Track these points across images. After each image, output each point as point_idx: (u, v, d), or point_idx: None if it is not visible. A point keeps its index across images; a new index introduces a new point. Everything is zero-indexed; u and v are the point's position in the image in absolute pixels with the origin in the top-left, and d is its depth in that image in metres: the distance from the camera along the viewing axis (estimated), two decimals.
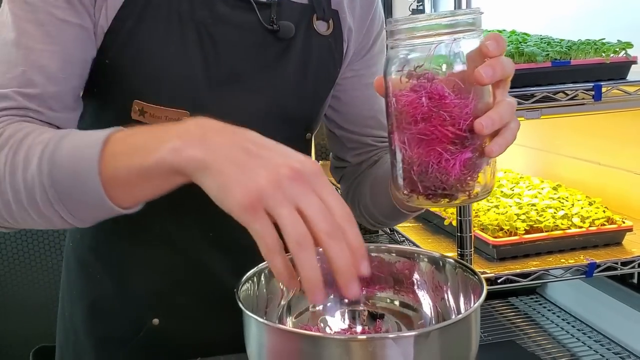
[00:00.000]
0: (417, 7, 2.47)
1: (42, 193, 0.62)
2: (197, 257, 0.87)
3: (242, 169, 0.54)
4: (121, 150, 0.61)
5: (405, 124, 0.61)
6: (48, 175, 0.62)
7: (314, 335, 0.55)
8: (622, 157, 1.41)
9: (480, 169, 0.62)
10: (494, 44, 0.60)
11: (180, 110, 0.80)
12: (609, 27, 1.36)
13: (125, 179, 0.60)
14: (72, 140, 0.63)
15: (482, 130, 0.59)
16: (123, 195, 0.62)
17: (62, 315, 0.96)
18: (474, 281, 0.64)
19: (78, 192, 0.62)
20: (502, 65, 0.60)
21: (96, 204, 0.62)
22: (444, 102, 0.59)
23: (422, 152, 0.60)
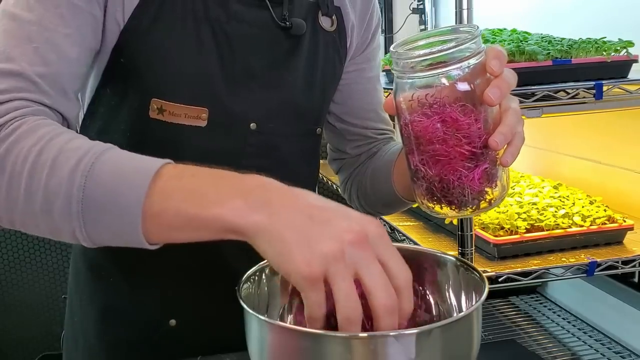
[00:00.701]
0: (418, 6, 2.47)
1: (65, 204, 0.59)
2: (215, 255, 0.87)
3: (305, 237, 0.53)
4: (174, 189, 0.58)
5: (423, 147, 0.64)
6: (80, 188, 0.58)
7: (316, 332, 0.54)
8: (623, 156, 1.41)
9: (497, 178, 0.66)
10: (497, 63, 0.62)
11: (199, 107, 0.81)
12: (610, 26, 1.36)
13: (170, 221, 0.57)
14: (116, 158, 0.61)
15: (497, 146, 0.62)
16: (159, 233, 0.59)
17: (71, 320, 0.95)
18: (476, 279, 0.64)
19: (110, 216, 0.58)
20: (507, 82, 0.62)
21: (125, 233, 0.59)
22: (457, 124, 0.62)
23: (442, 170, 0.64)
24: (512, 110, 0.64)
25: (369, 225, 0.54)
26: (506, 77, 0.62)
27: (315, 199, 0.57)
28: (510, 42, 1.21)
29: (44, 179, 0.60)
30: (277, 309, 0.69)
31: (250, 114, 0.84)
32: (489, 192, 0.66)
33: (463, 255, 1.16)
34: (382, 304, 0.52)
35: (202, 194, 0.57)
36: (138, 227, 0.58)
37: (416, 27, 2.52)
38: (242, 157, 0.86)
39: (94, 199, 0.58)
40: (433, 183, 0.65)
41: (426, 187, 0.66)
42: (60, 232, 0.61)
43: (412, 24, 2.52)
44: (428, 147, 0.64)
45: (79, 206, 0.59)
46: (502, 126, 0.63)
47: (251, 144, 0.86)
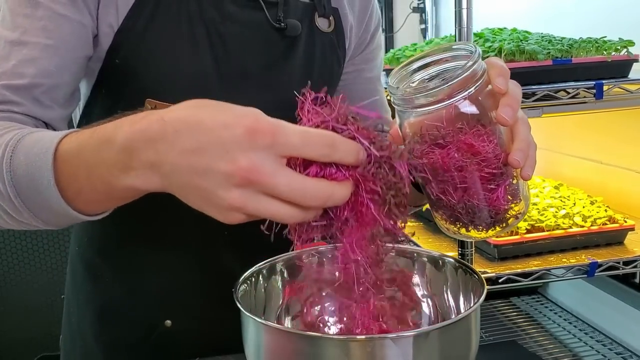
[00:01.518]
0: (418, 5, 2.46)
1: (7, 201, 0.61)
2: (211, 256, 0.87)
3: (203, 198, 0.52)
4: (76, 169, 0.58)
5: (441, 177, 0.62)
6: (10, 184, 0.61)
7: (313, 335, 0.54)
8: (624, 156, 1.41)
9: (520, 191, 0.65)
10: (502, 80, 0.60)
11: None
12: (611, 25, 1.36)
13: (91, 197, 0.59)
14: (25, 146, 0.62)
15: (519, 164, 0.61)
16: (91, 208, 0.61)
17: (68, 321, 0.95)
18: (474, 281, 0.64)
19: (42, 202, 0.60)
20: (516, 98, 0.61)
21: (62, 214, 0.60)
22: (474, 149, 0.60)
23: (465, 196, 0.62)
24: (522, 121, 0.63)
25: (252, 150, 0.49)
26: (514, 92, 0.61)
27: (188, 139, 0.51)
28: (511, 42, 1.21)
29: None
30: (274, 310, 0.69)
31: None
32: (513, 207, 0.64)
33: (463, 256, 1.16)
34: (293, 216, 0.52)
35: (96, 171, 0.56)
36: (67, 208, 0.59)
37: (417, 26, 2.51)
38: None
39: (23, 191, 0.60)
40: (457, 210, 0.63)
41: (450, 215, 0.65)
42: (29, 225, 0.64)
43: (413, 23, 2.51)
44: (446, 175, 0.62)
45: (18, 201, 0.61)
46: (517, 142, 0.61)
47: None
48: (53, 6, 0.73)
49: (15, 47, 0.72)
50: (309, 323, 0.69)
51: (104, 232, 0.88)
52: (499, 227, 0.65)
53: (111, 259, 0.88)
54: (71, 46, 0.75)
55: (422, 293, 0.70)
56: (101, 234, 0.88)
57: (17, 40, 0.72)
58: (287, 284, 0.70)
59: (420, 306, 0.70)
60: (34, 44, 0.72)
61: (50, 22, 0.73)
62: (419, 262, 0.71)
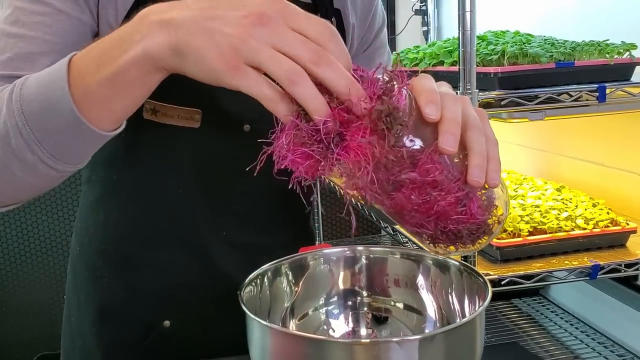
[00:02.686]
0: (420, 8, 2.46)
1: (16, 136, 0.59)
2: (209, 257, 0.87)
3: (207, 35, 0.52)
4: (86, 65, 0.58)
5: (408, 218, 0.59)
6: (19, 113, 0.59)
7: (318, 338, 0.54)
8: (626, 159, 1.41)
9: (495, 197, 0.61)
10: (433, 107, 0.56)
11: (192, 108, 0.81)
12: (613, 28, 1.36)
13: (98, 94, 0.57)
14: (37, 75, 0.61)
15: (480, 184, 0.57)
16: (100, 113, 0.59)
17: (68, 320, 0.95)
18: (479, 284, 0.64)
19: (53, 121, 0.59)
20: (456, 120, 0.56)
21: (74, 129, 0.59)
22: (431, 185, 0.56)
23: (439, 225, 0.59)
24: (472, 126, 0.58)
25: (265, 4, 0.52)
26: (450, 114, 0.56)
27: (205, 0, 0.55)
28: (514, 44, 1.21)
29: None
30: (280, 312, 0.69)
31: (243, 115, 0.84)
32: (493, 213, 0.61)
33: (466, 259, 1.16)
34: (307, 58, 0.50)
35: (107, 54, 0.57)
36: (80, 118, 0.58)
37: (419, 29, 2.52)
38: (236, 159, 0.86)
39: (33, 115, 0.59)
40: (437, 238, 0.60)
41: (432, 241, 0.62)
42: (34, 168, 0.61)
43: (415, 25, 2.51)
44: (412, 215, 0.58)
45: (27, 130, 0.59)
46: (472, 157, 0.57)
47: (245, 145, 0.85)
48: (53, 2, 0.73)
49: (12, 39, 0.71)
50: None
51: (105, 233, 0.88)
52: (485, 238, 0.62)
53: (111, 259, 0.88)
54: (70, 42, 0.74)
55: (426, 295, 0.70)
56: (102, 234, 0.89)
57: (15, 33, 0.71)
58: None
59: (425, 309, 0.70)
60: (31, 38, 0.71)
61: (50, 18, 0.72)
62: (424, 265, 0.71)
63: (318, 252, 0.72)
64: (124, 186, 0.86)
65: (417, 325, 0.70)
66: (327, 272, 0.72)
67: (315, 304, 0.72)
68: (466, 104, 0.60)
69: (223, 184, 0.86)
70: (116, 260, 0.88)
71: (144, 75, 0.56)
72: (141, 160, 0.84)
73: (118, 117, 0.60)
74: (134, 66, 0.55)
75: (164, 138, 0.82)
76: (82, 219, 0.92)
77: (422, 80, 0.58)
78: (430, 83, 0.58)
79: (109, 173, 0.87)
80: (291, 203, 0.94)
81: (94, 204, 0.89)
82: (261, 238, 0.90)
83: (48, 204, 2.44)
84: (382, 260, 0.72)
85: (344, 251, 0.73)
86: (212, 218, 0.86)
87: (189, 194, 0.85)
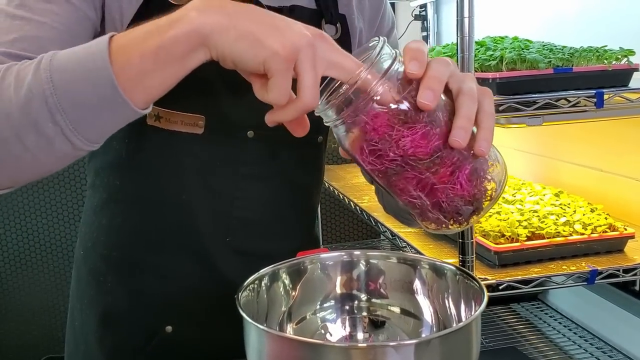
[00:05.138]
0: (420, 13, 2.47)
1: (40, 104, 0.58)
2: (213, 263, 0.87)
3: (272, 27, 0.56)
4: (130, 39, 0.58)
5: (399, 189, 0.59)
6: (48, 81, 0.58)
7: (315, 342, 0.54)
8: (624, 164, 1.41)
9: (487, 169, 0.60)
10: (415, 64, 0.57)
11: (196, 114, 0.81)
12: (611, 34, 1.37)
13: (139, 67, 0.57)
14: (69, 49, 0.60)
15: (461, 145, 0.56)
16: (136, 89, 0.58)
17: (72, 325, 0.95)
18: (475, 288, 0.64)
19: (85, 92, 0.58)
20: (437, 77, 0.57)
21: (106, 102, 0.58)
22: (416, 152, 0.56)
23: (431, 195, 0.59)
24: (464, 92, 0.58)
25: (319, 31, 0.58)
26: (434, 71, 0.57)
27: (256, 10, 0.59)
28: (512, 50, 1.21)
29: (13, 94, 0.59)
30: (277, 317, 0.69)
31: (247, 121, 0.84)
32: (486, 187, 0.60)
33: (464, 263, 1.16)
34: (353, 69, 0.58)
35: (156, 28, 0.58)
36: (116, 87, 0.57)
37: (418, 34, 2.52)
38: (240, 165, 0.86)
39: (63, 83, 0.58)
40: (426, 211, 0.60)
41: (421, 217, 0.61)
42: (51, 141, 0.59)
43: (414, 30, 2.52)
44: (402, 186, 0.59)
45: (53, 99, 0.58)
46: (457, 119, 0.57)
47: (249, 152, 0.86)
48: None
49: (17, 21, 0.69)
50: None
51: (108, 238, 0.89)
52: (475, 215, 0.61)
53: (114, 265, 0.89)
54: (75, 34, 0.73)
55: (423, 300, 0.71)
56: (105, 239, 0.89)
57: (21, 16, 0.70)
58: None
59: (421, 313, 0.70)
60: (38, 23, 0.70)
61: (57, 7, 0.72)
62: (420, 270, 0.71)
63: (315, 257, 0.72)
64: (128, 192, 0.86)
65: (413, 329, 0.70)
66: (324, 276, 0.72)
67: (313, 308, 0.72)
68: (468, 77, 0.60)
69: (227, 189, 0.86)
70: (119, 266, 0.88)
71: (189, 51, 0.57)
72: (145, 166, 0.84)
73: (151, 95, 0.60)
74: (184, 39, 0.56)
75: (168, 144, 0.82)
76: (86, 223, 0.92)
77: (412, 43, 0.60)
78: (418, 44, 0.59)
79: (112, 179, 0.87)
80: (296, 209, 0.94)
81: (98, 209, 0.90)
82: (265, 244, 0.90)
83: (49, 208, 2.45)
84: (379, 264, 0.73)
85: (341, 256, 0.73)
86: (215, 224, 0.86)
87: (193, 200, 0.85)
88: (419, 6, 2.48)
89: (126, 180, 0.86)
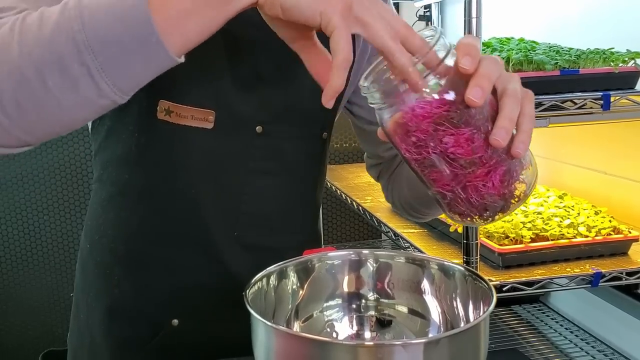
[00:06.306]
0: (424, 14, 2.47)
1: (67, 41, 0.55)
2: (220, 257, 0.87)
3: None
4: None
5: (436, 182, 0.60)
6: (77, 18, 0.55)
7: (322, 340, 0.54)
8: (629, 167, 1.41)
9: (520, 169, 0.61)
10: (468, 60, 0.56)
11: (206, 109, 0.81)
12: (618, 37, 1.36)
13: (178, 7, 0.55)
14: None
15: (501, 144, 0.56)
16: (172, 30, 0.55)
17: (77, 318, 0.95)
18: (484, 289, 0.64)
19: (118, 31, 0.55)
20: (487, 75, 0.56)
21: (140, 42, 0.55)
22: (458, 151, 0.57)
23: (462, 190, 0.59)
24: (508, 94, 0.58)
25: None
26: (485, 69, 0.56)
27: None
28: (518, 52, 1.21)
29: (36, 33, 0.56)
30: (284, 314, 0.69)
31: (256, 116, 0.85)
32: (517, 187, 0.61)
33: (468, 264, 1.16)
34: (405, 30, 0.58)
35: None
36: (153, 27, 0.55)
37: None
38: (248, 160, 0.86)
39: (95, 20, 0.55)
40: (456, 204, 0.61)
41: (450, 209, 0.62)
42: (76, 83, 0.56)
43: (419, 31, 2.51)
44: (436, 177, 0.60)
45: (81, 36, 0.55)
46: (499, 119, 0.57)
47: (257, 147, 0.86)
48: None
49: None
50: None
51: (115, 232, 0.89)
52: (501, 213, 0.61)
53: (121, 258, 0.89)
54: None
55: (430, 300, 0.70)
56: (112, 233, 0.89)
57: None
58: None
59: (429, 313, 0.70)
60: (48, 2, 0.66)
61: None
62: (428, 270, 0.71)
63: (323, 255, 0.72)
64: (136, 186, 0.86)
65: (420, 329, 0.70)
66: (332, 274, 0.72)
67: (320, 306, 0.72)
68: (514, 78, 0.60)
69: (235, 184, 0.86)
70: (126, 259, 0.88)
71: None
72: (153, 160, 0.84)
73: (188, 40, 0.58)
74: None
75: (177, 139, 0.82)
76: (93, 217, 0.92)
77: (466, 39, 0.59)
78: (472, 40, 0.59)
79: (121, 173, 0.87)
80: (302, 203, 0.95)
81: (105, 202, 0.89)
82: (272, 239, 0.91)
83: (50, 203, 2.45)
84: (387, 264, 0.73)
85: (349, 254, 0.73)
86: (223, 218, 0.87)
87: (201, 195, 0.85)
88: (424, 7, 2.47)
89: (134, 174, 0.86)
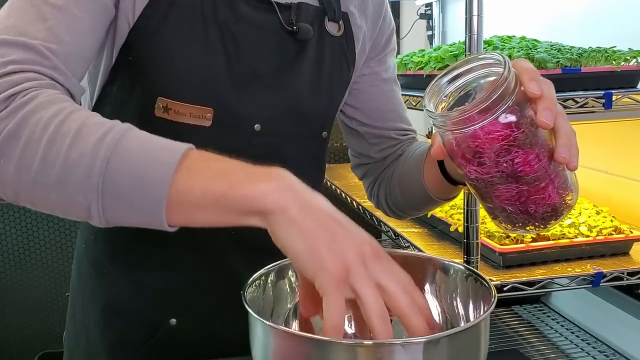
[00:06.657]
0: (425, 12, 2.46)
1: (85, 176, 0.57)
2: (217, 256, 0.87)
3: (335, 239, 0.55)
4: (202, 169, 0.58)
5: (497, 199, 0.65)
6: (105, 160, 0.57)
7: (321, 339, 0.53)
8: (631, 167, 1.40)
9: (570, 182, 0.66)
10: (535, 85, 0.61)
11: (204, 107, 0.81)
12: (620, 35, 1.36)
13: (195, 199, 0.57)
14: (143, 137, 0.60)
15: (566, 161, 0.62)
16: (181, 213, 0.58)
17: (73, 318, 0.95)
18: (484, 289, 0.63)
19: (134, 192, 0.57)
20: (552, 99, 0.62)
21: (146, 210, 0.57)
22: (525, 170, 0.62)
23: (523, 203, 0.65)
24: (560, 114, 0.63)
25: (374, 242, 0.57)
26: (548, 93, 0.62)
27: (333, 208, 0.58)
28: (520, 50, 1.21)
29: (65, 149, 0.57)
30: (282, 313, 0.69)
31: (254, 115, 0.85)
32: (569, 196, 0.66)
33: (468, 264, 1.15)
34: (404, 304, 0.54)
35: (230, 174, 0.57)
36: (162, 204, 0.57)
37: (423, 33, 2.51)
38: (246, 158, 0.85)
39: (118, 171, 0.57)
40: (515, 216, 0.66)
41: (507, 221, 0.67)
42: (72, 206, 0.59)
43: (419, 29, 2.51)
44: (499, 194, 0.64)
45: (99, 178, 0.57)
46: (560, 137, 0.62)
47: (255, 145, 0.86)
48: None
49: (49, 8, 0.68)
50: None
51: (110, 231, 0.88)
52: (553, 219, 0.66)
53: (117, 258, 0.88)
54: (97, 25, 0.74)
55: (431, 299, 0.70)
56: (107, 232, 0.88)
57: (52, 3, 0.68)
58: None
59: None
60: (67, 12, 0.69)
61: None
62: (429, 269, 0.70)
63: None
64: None
65: None
66: None
67: None
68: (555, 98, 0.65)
69: None
70: (122, 258, 0.88)
71: (247, 214, 0.57)
72: None
73: (189, 224, 0.59)
74: (249, 204, 0.56)
75: (175, 136, 0.81)
76: None
77: (524, 62, 0.64)
78: (530, 65, 0.64)
79: None
80: None
81: None
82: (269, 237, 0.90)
83: None
84: None
85: None
86: None
87: None
88: (425, 5, 2.47)
89: None
